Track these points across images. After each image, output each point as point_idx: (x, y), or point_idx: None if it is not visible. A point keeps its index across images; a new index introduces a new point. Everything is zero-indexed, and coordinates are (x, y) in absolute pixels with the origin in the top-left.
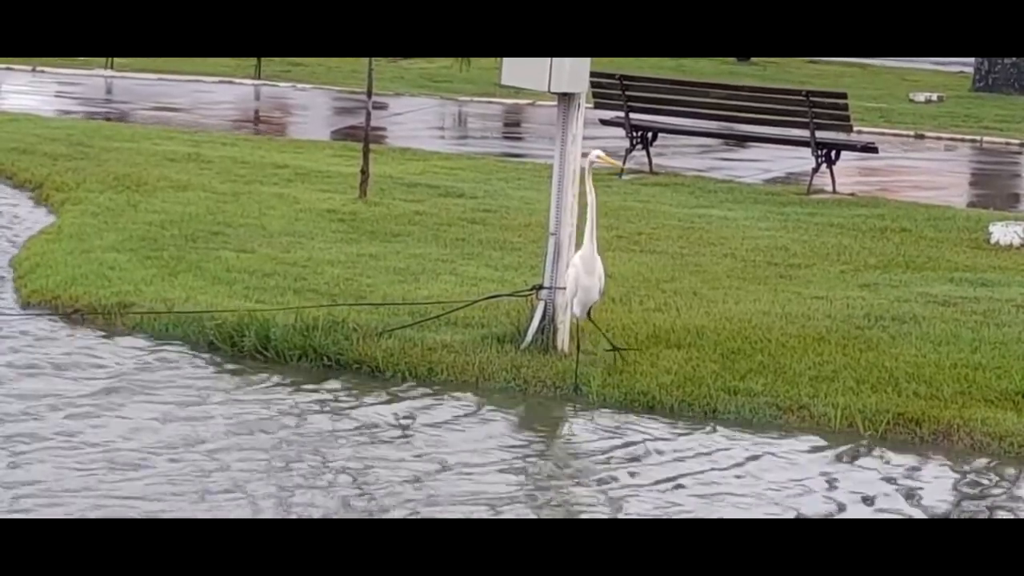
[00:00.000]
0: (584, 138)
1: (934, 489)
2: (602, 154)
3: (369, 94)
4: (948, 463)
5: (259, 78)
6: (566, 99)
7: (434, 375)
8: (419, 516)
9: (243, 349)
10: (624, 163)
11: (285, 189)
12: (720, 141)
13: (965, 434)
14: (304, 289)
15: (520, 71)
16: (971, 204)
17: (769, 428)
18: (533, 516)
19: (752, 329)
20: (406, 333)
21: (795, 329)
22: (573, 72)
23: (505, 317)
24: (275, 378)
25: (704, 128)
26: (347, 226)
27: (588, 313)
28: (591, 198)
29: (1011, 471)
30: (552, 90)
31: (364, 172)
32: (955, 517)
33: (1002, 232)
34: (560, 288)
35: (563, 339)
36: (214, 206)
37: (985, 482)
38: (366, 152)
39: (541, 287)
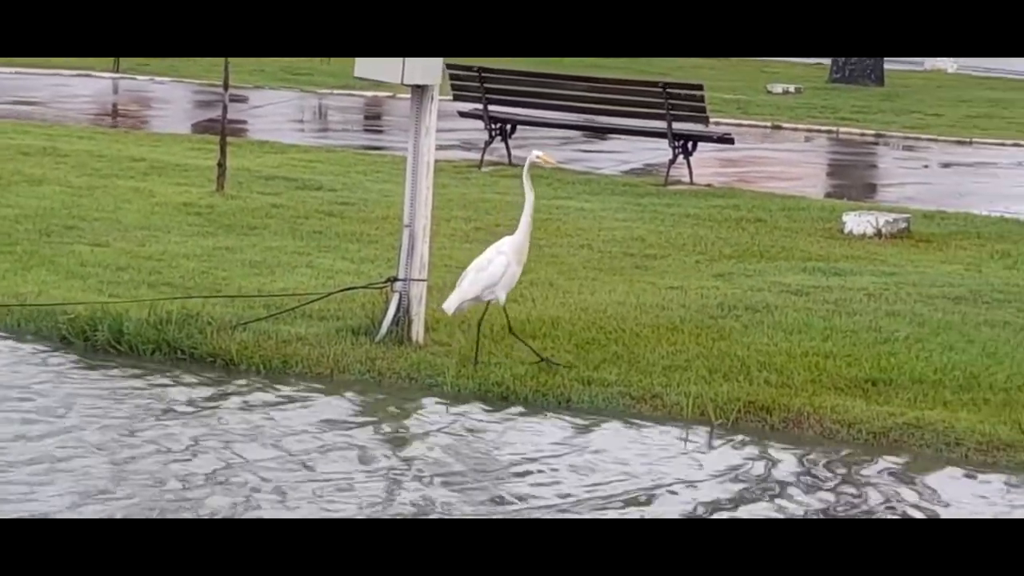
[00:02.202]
0: (441, 130)
1: (784, 477)
2: (541, 153)
3: (226, 87)
4: (798, 450)
5: (118, 71)
6: (420, 91)
7: (288, 368)
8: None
9: (96, 343)
10: (483, 155)
11: (141, 183)
12: (580, 133)
13: (815, 421)
14: (159, 283)
15: (373, 64)
16: (827, 194)
17: (622, 417)
18: (383, 512)
19: (607, 319)
20: (261, 326)
21: (649, 319)
22: (426, 64)
23: (360, 310)
24: (127, 372)
25: (563, 120)
26: (203, 219)
27: (508, 327)
28: (529, 195)
29: (859, 458)
30: (405, 82)
31: (221, 165)
32: (805, 507)
33: (855, 222)
34: (417, 280)
35: (418, 331)
36: (69, 200)
37: (834, 470)
38: (223, 145)
39: (396, 279)
